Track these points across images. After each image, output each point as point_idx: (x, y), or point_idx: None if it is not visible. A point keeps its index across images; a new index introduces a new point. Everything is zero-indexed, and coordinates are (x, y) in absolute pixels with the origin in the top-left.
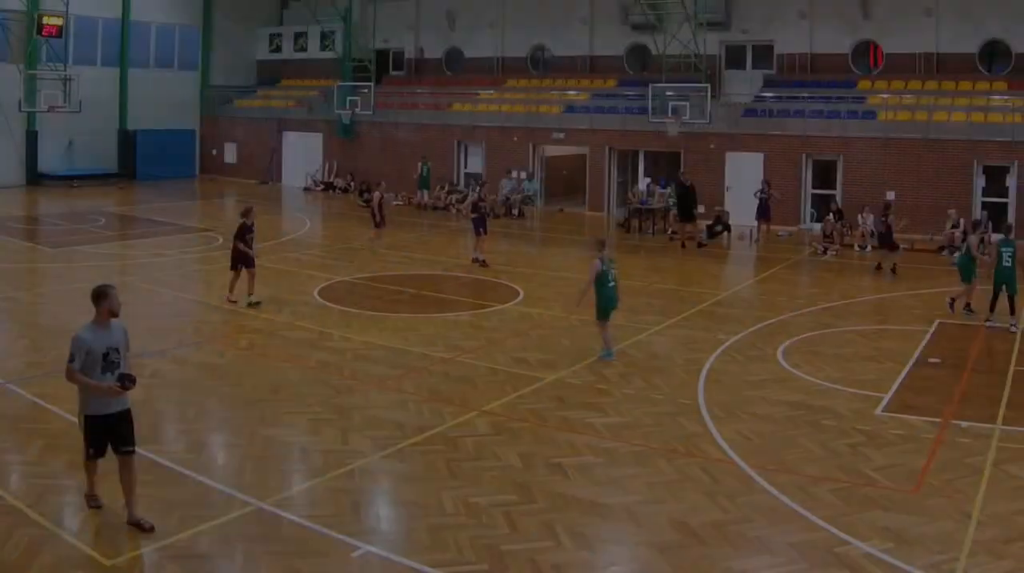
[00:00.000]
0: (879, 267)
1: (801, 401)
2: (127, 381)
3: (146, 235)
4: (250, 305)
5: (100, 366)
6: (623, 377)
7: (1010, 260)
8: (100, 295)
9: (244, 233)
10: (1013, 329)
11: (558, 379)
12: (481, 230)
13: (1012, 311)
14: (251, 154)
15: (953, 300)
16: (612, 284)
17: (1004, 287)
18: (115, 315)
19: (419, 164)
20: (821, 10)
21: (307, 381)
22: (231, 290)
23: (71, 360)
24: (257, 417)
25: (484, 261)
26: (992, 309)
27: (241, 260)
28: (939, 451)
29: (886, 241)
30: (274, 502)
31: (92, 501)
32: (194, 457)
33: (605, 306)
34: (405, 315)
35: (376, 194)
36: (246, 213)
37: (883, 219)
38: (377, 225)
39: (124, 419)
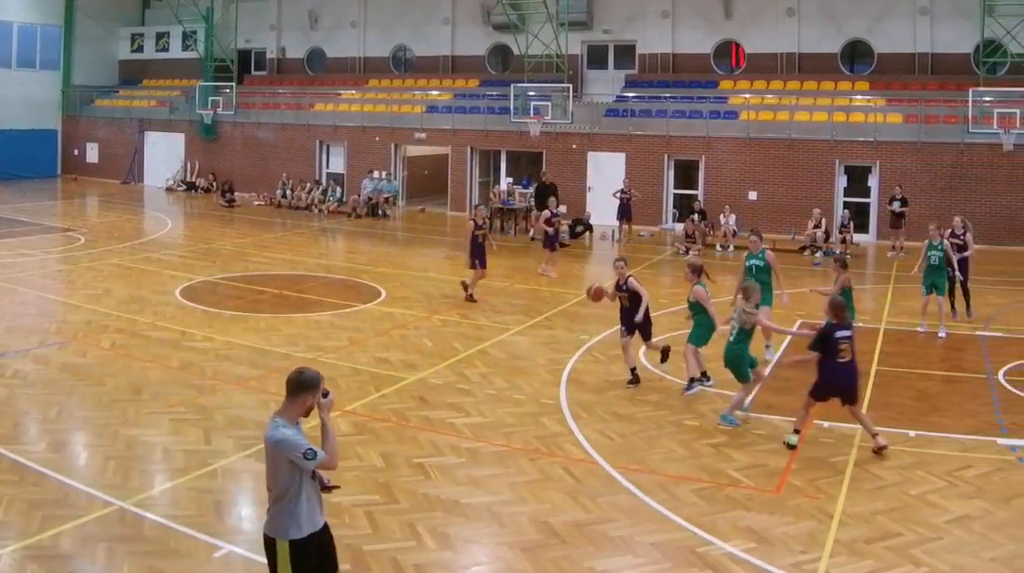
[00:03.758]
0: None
1: (663, 401)
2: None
3: (8, 235)
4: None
5: (311, 472)
6: (485, 377)
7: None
8: (312, 384)
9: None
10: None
11: (420, 379)
12: (478, 262)
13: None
14: (113, 154)
15: None
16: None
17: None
18: (308, 414)
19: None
20: (683, 10)
21: (169, 381)
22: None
23: (313, 456)
24: (119, 417)
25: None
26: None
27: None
28: (801, 451)
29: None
30: (136, 502)
31: None
32: (56, 457)
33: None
34: (267, 315)
35: (545, 212)
36: None
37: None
38: (553, 247)
39: (329, 534)
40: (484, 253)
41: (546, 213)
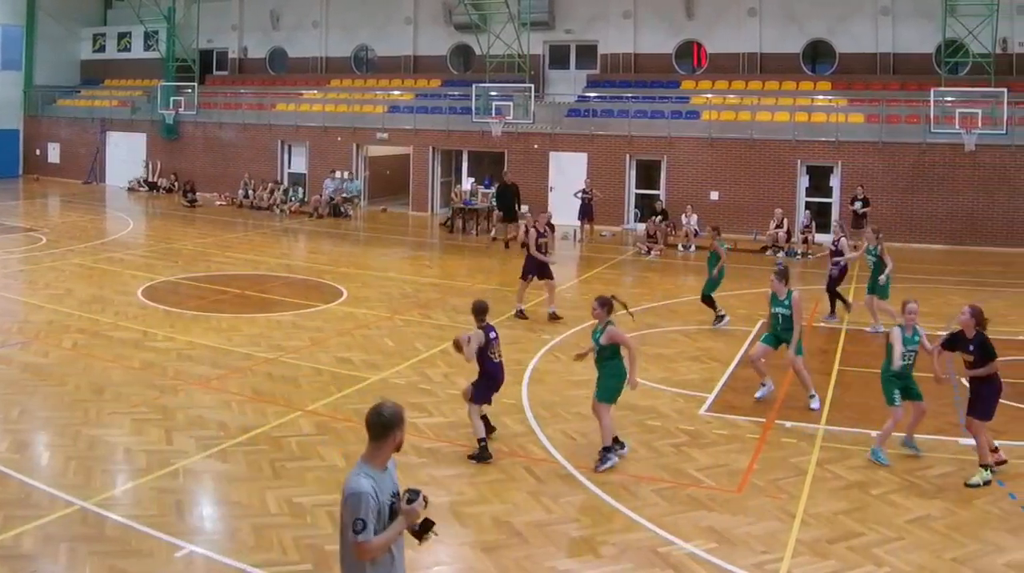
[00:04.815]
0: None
1: (625, 401)
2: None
3: None
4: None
5: (385, 525)
6: (447, 377)
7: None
8: (395, 422)
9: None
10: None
11: (382, 379)
12: (534, 274)
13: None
14: (75, 154)
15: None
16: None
17: None
18: (400, 449)
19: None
20: (645, 10)
21: (131, 381)
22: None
23: (361, 529)
24: (81, 417)
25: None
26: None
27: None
28: (763, 451)
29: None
30: (98, 502)
31: None
32: (18, 457)
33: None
34: (228, 315)
35: (522, 225)
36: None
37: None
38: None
39: None
40: (547, 264)
41: (533, 233)
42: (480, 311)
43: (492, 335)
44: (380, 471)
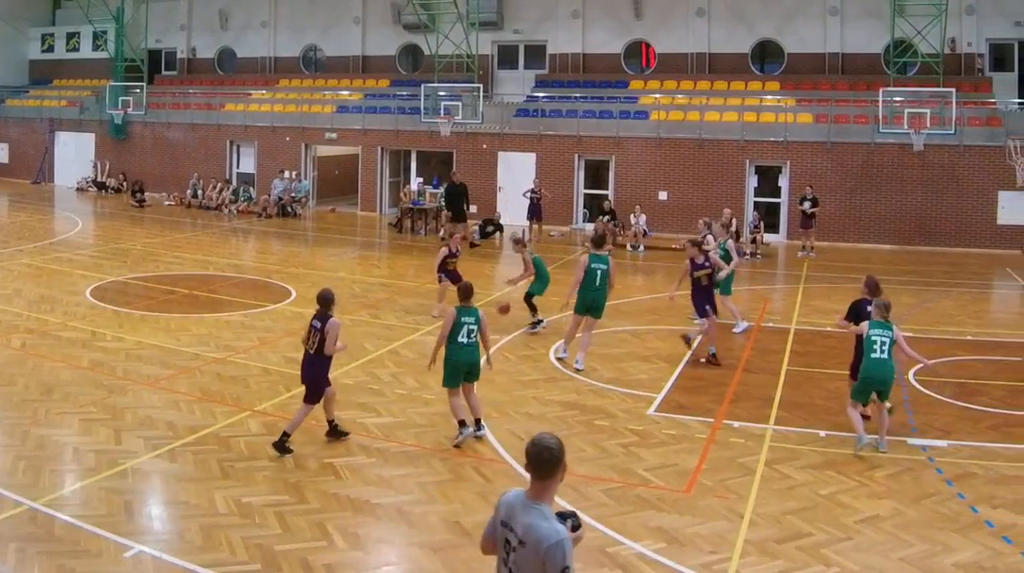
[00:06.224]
0: None
1: (573, 401)
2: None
3: None
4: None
5: None
6: (395, 377)
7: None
8: (563, 451)
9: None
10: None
11: (331, 379)
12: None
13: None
14: (23, 154)
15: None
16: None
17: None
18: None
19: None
20: (593, 10)
21: (80, 381)
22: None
23: None
24: (30, 417)
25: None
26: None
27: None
28: (712, 451)
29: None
30: (47, 502)
31: None
32: None
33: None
34: (177, 315)
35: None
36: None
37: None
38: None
39: None
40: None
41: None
42: (319, 300)
43: (312, 324)
44: (551, 506)
